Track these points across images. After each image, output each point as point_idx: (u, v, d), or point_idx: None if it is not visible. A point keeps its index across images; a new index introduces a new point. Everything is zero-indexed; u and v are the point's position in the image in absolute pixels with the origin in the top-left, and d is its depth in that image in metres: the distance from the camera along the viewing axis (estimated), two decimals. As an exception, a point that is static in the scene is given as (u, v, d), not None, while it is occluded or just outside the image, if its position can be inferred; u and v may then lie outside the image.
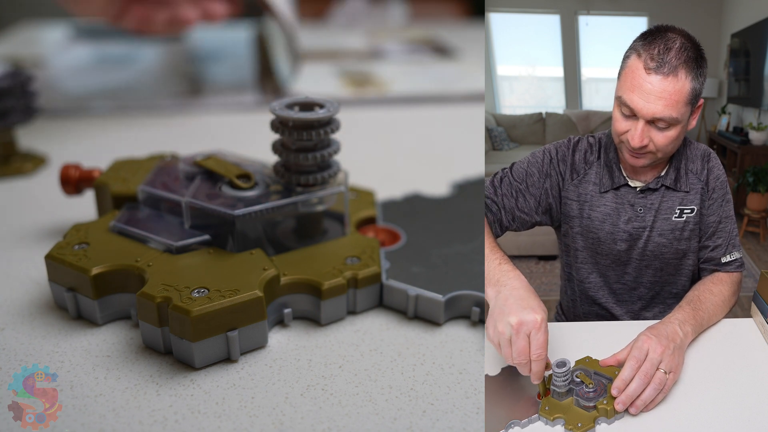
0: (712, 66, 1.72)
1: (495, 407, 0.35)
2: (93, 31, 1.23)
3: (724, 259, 0.46)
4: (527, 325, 0.35)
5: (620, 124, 0.43)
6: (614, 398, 0.34)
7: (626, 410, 0.34)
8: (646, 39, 0.42)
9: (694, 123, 0.44)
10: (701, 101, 0.43)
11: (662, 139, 0.42)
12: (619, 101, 0.43)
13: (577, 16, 1.91)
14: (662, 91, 0.41)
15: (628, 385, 0.34)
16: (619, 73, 0.44)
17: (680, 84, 0.41)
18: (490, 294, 0.38)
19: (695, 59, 0.42)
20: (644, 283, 0.49)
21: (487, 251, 0.41)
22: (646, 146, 0.42)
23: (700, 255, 0.47)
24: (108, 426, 0.32)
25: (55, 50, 1.13)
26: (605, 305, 0.50)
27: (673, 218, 0.46)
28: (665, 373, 0.35)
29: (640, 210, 0.46)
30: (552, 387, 0.35)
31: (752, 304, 0.43)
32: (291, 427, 0.33)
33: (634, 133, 0.42)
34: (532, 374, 0.35)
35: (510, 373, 0.38)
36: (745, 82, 1.51)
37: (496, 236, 0.47)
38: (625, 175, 0.46)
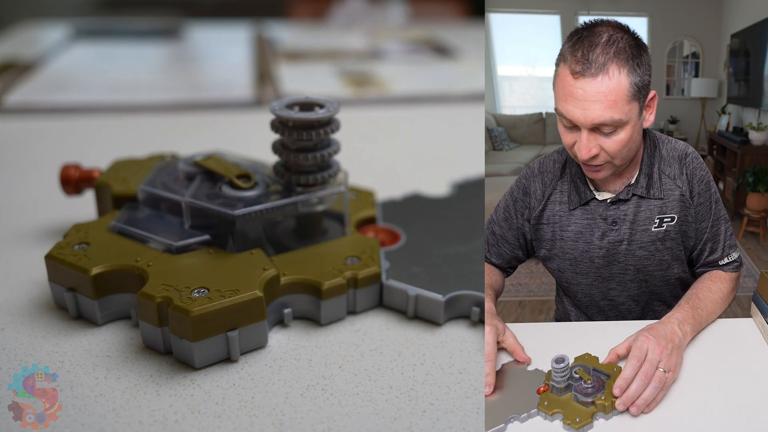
0: (712, 66, 1.72)
1: (494, 402, 0.35)
2: (93, 31, 1.23)
3: (722, 262, 0.44)
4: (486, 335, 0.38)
5: (566, 137, 0.40)
6: (614, 396, 0.34)
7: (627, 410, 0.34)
8: (572, 40, 0.38)
9: (651, 119, 0.40)
10: (653, 93, 0.39)
11: (612, 144, 0.39)
12: (558, 113, 0.39)
13: (577, 16, 1.91)
14: (596, 94, 0.37)
15: (630, 384, 0.34)
16: (553, 84, 0.40)
17: (614, 81, 0.37)
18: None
19: (627, 50, 0.38)
20: (632, 297, 0.47)
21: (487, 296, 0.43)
22: (596, 156, 0.39)
23: (698, 260, 0.45)
24: (108, 426, 0.32)
25: (55, 50, 1.13)
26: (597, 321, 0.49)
27: (653, 228, 0.43)
28: (664, 372, 0.35)
29: (613, 223, 0.43)
30: (551, 383, 0.35)
31: (752, 304, 0.43)
32: (291, 427, 0.33)
33: (580, 145, 0.39)
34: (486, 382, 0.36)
35: (509, 368, 0.38)
36: (744, 82, 1.51)
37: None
38: (591, 188, 0.43)
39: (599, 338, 0.40)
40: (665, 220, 0.42)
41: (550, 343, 0.41)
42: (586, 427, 0.33)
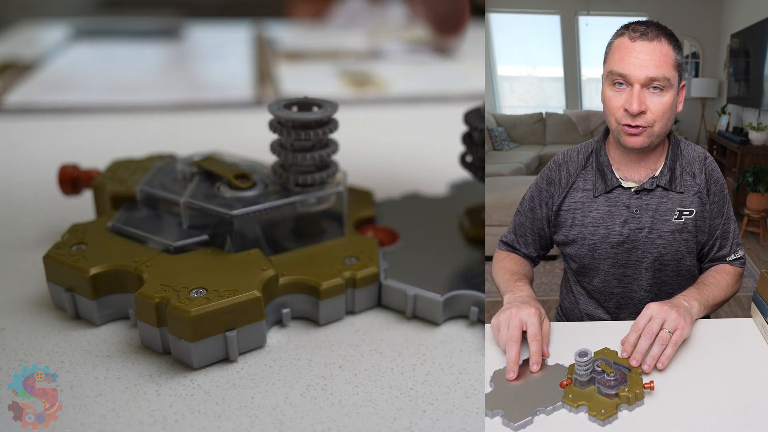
0: (712, 66, 1.72)
1: (519, 396, 0.35)
2: (93, 31, 1.23)
3: (729, 258, 0.47)
4: (522, 313, 0.39)
5: (614, 100, 0.44)
6: (635, 384, 0.35)
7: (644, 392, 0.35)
8: (628, 24, 0.45)
9: (680, 107, 0.45)
10: (683, 82, 0.45)
11: (658, 105, 0.43)
12: (610, 75, 0.44)
13: (577, 16, 1.91)
14: (651, 52, 0.43)
15: (635, 346, 0.37)
16: (605, 59, 0.45)
17: (665, 48, 0.43)
18: (505, 299, 0.42)
19: (674, 37, 0.44)
20: (644, 287, 0.48)
21: (504, 274, 0.46)
22: (643, 114, 0.43)
23: (707, 255, 0.47)
24: (108, 426, 0.32)
25: (55, 50, 1.13)
26: (608, 308, 0.50)
27: (673, 219, 0.46)
28: (669, 332, 0.37)
29: (636, 211, 0.46)
30: (574, 376, 0.36)
31: (752, 304, 0.43)
32: (291, 427, 0.33)
33: (632, 99, 0.43)
34: (510, 359, 0.37)
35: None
36: (744, 82, 1.50)
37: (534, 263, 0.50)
38: (618, 176, 0.46)
39: (600, 338, 0.40)
40: (684, 213, 0.46)
41: (553, 343, 0.40)
42: (611, 419, 0.34)
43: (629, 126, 0.43)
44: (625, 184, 0.46)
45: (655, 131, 0.44)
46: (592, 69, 1.98)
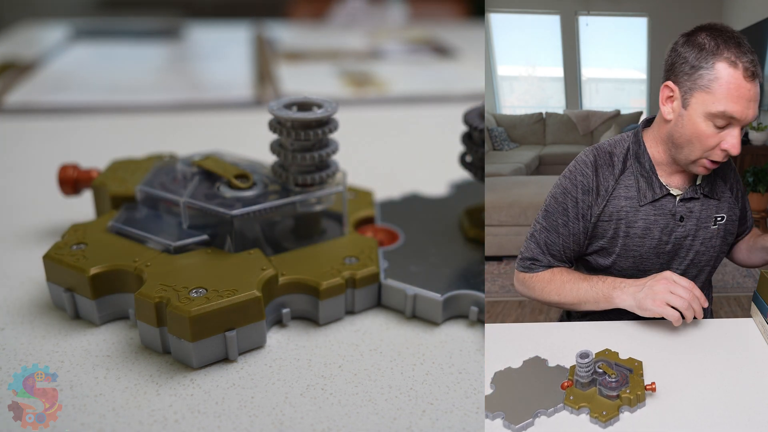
0: (712, 66, 1.72)
1: (520, 398, 0.35)
2: (93, 31, 1.23)
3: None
4: (668, 276, 0.40)
5: (712, 138, 0.41)
6: (637, 386, 0.35)
7: (647, 397, 0.35)
8: (727, 43, 0.41)
9: None
10: None
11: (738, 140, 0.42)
12: (720, 115, 0.41)
13: (577, 17, 1.92)
14: (756, 95, 0.41)
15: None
16: (707, 86, 0.41)
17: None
18: (623, 298, 0.41)
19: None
20: None
21: (581, 283, 0.43)
22: None
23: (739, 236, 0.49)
24: (108, 426, 0.32)
25: (55, 50, 1.13)
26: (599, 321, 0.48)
27: (711, 226, 0.45)
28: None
29: (681, 219, 0.44)
30: (575, 377, 0.36)
31: (752, 304, 0.43)
32: (291, 427, 0.33)
33: (734, 141, 0.41)
34: (697, 312, 0.39)
35: (534, 364, 0.38)
36: (745, 81, 1.50)
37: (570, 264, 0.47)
38: (664, 183, 0.44)
39: (604, 337, 0.40)
40: (718, 219, 0.45)
41: (556, 343, 0.40)
42: (613, 420, 0.34)
43: (713, 161, 0.42)
44: (673, 192, 0.44)
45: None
46: (591, 69, 1.98)
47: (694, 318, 0.39)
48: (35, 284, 0.44)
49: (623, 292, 0.41)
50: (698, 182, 0.44)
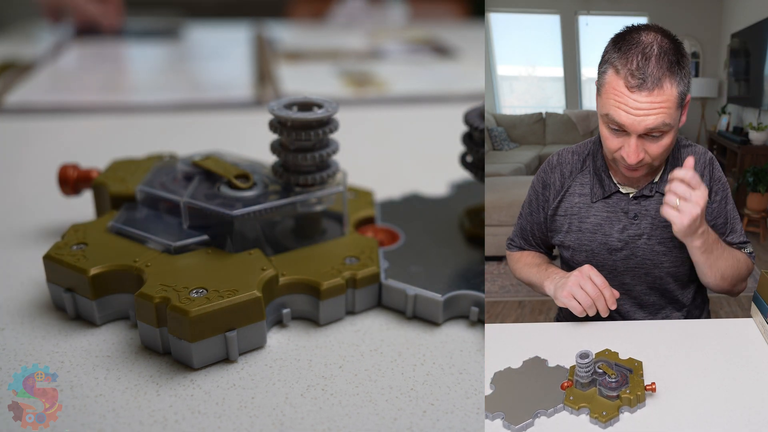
0: (711, 66, 1.72)
1: (520, 398, 0.35)
2: (92, 31, 1.23)
3: (741, 248, 0.46)
4: (585, 271, 0.41)
5: (612, 141, 0.41)
6: (637, 386, 0.35)
7: (648, 392, 0.35)
8: (620, 49, 0.40)
9: (684, 119, 0.42)
10: (688, 96, 0.41)
11: (657, 148, 0.41)
12: (606, 119, 0.41)
13: (577, 16, 1.91)
14: (650, 105, 0.39)
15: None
16: (598, 88, 0.42)
17: (667, 94, 0.39)
18: (548, 286, 0.44)
19: (677, 62, 0.40)
20: (643, 292, 0.47)
21: (530, 269, 0.47)
22: (642, 159, 0.41)
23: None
24: (108, 426, 0.32)
25: (55, 50, 1.13)
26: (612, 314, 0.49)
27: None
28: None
29: (635, 217, 0.44)
30: (575, 378, 0.35)
31: (752, 304, 0.43)
32: (291, 427, 0.33)
33: (629, 150, 0.40)
34: (601, 310, 0.40)
35: (534, 364, 0.38)
36: (745, 82, 1.50)
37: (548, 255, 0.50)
38: (615, 181, 0.45)
39: (604, 337, 0.40)
40: None
41: (554, 343, 0.40)
42: (613, 421, 0.33)
43: (628, 167, 0.42)
44: (623, 190, 0.45)
45: (654, 165, 0.42)
46: (591, 69, 1.98)
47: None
48: (35, 284, 0.44)
49: (550, 281, 0.43)
50: (655, 180, 0.44)
